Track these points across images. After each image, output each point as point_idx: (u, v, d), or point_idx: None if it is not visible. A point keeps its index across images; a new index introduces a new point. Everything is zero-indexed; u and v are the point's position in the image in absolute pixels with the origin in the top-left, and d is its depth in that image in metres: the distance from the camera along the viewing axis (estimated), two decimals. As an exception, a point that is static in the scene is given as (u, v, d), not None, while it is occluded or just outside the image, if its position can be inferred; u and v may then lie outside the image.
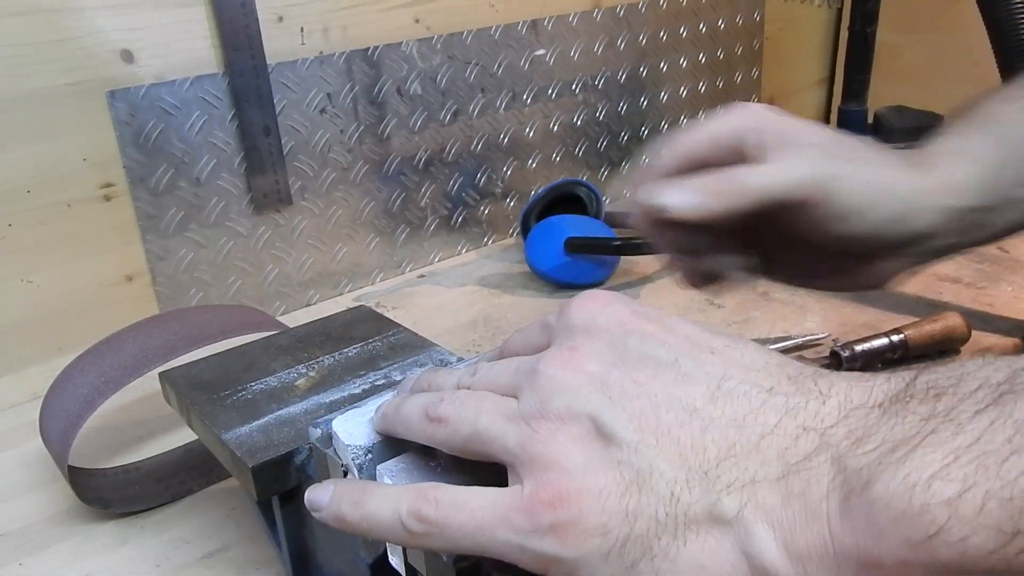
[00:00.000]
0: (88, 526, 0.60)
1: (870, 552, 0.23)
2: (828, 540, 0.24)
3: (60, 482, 0.63)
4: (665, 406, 0.28)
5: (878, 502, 0.23)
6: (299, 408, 0.49)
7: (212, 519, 0.59)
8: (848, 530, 0.23)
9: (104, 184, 0.80)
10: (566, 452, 0.28)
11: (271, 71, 0.85)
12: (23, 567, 0.56)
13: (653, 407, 0.28)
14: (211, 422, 0.49)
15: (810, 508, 0.24)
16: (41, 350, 0.79)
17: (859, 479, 0.24)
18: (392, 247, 1.00)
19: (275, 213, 0.90)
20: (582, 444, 0.28)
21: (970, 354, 0.70)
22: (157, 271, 0.84)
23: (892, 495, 0.23)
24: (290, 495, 0.48)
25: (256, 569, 0.54)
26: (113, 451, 0.68)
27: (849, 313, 0.80)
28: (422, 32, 0.97)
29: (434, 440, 0.33)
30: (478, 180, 1.05)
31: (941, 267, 0.88)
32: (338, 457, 0.38)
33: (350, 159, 0.94)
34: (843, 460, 0.25)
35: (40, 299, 0.78)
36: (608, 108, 1.15)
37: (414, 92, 0.96)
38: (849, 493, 0.24)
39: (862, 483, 0.23)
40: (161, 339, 0.62)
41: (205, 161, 0.84)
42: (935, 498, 0.22)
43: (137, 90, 0.79)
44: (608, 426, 0.28)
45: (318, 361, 0.55)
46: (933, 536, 0.22)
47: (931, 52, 1.33)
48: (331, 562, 0.48)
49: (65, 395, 0.60)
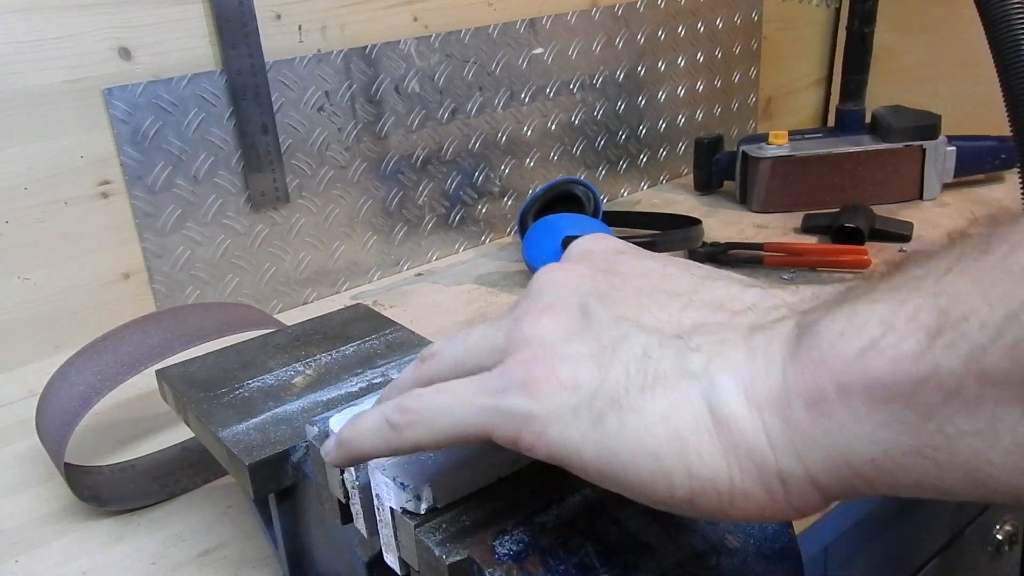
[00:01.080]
0: (84, 524, 0.60)
1: (814, 385, 0.23)
2: (782, 385, 0.24)
3: (56, 479, 0.63)
4: (649, 293, 0.30)
5: (820, 333, 0.23)
6: (296, 406, 0.49)
7: (208, 517, 0.59)
8: (797, 371, 0.24)
9: (101, 182, 0.80)
10: (547, 328, 0.29)
11: (269, 69, 0.85)
12: (19, 564, 0.56)
13: (637, 294, 0.30)
14: (208, 420, 0.49)
15: (769, 358, 0.25)
16: (38, 347, 0.79)
17: (807, 321, 0.25)
18: (390, 245, 1.00)
19: (272, 211, 0.90)
20: (566, 322, 0.29)
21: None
22: (154, 269, 0.84)
23: (832, 321, 0.23)
24: (287, 493, 0.48)
25: (252, 567, 0.54)
26: (109, 449, 0.68)
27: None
28: (420, 30, 0.97)
29: (404, 442, 0.31)
30: (476, 179, 1.05)
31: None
32: (335, 455, 0.38)
33: (348, 157, 0.94)
34: (803, 317, 0.25)
35: (37, 296, 0.78)
36: (606, 107, 1.15)
37: (412, 90, 0.96)
38: (799, 336, 0.24)
39: (809, 323, 0.24)
40: (158, 337, 0.62)
41: (203, 159, 0.84)
42: (872, 317, 0.22)
43: (135, 88, 0.79)
44: (592, 307, 0.29)
45: (315, 359, 0.55)
46: (867, 349, 0.22)
47: (929, 52, 1.33)
48: (327, 560, 0.48)
49: (62, 393, 0.60)
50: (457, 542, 0.32)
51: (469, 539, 0.32)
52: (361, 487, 0.37)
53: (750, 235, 1.03)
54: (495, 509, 0.34)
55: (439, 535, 0.33)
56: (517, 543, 0.32)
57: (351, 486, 0.37)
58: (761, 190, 1.10)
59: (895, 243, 0.96)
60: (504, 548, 0.32)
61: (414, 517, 0.33)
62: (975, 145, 1.09)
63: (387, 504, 0.35)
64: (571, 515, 0.33)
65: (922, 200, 1.09)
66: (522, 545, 0.32)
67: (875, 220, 0.98)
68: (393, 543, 0.35)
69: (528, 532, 0.32)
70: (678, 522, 0.34)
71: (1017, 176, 0.75)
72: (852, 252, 0.91)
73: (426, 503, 0.33)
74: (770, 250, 0.94)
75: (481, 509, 0.34)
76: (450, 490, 0.34)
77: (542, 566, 0.32)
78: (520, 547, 0.32)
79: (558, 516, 0.33)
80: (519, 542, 0.32)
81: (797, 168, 1.08)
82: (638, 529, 0.34)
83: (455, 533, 0.33)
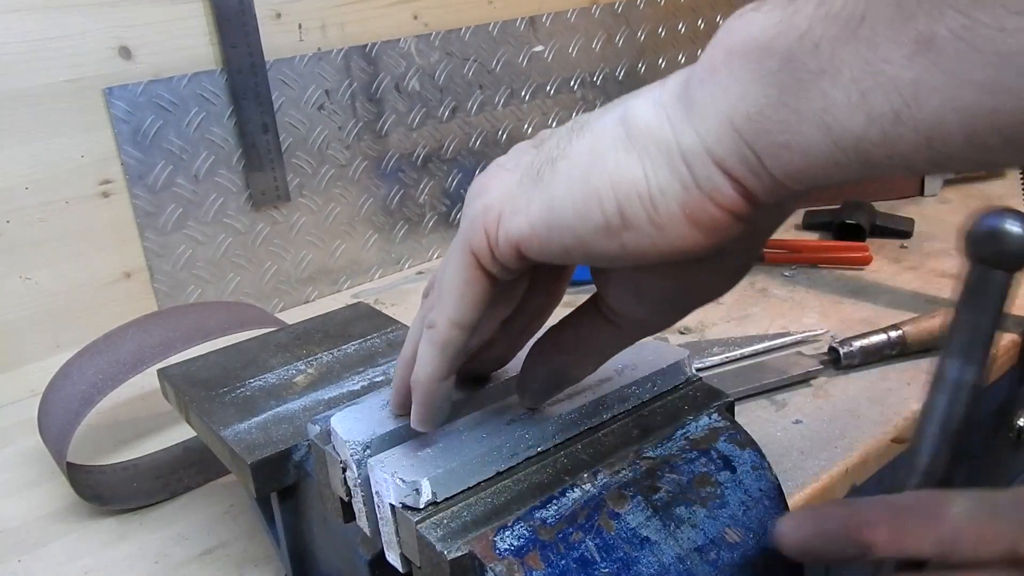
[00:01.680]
0: (86, 523, 0.60)
1: (708, 61, 0.26)
2: (686, 76, 0.27)
3: (59, 479, 0.63)
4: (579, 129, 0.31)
5: (725, 24, 0.26)
6: (298, 405, 0.49)
7: (211, 516, 0.59)
8: (699, 61, 0.26)
9: (102, 181, 0.80)
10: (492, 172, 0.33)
11: (269, 68, 0.85)
12: (21, 564, 0.56)
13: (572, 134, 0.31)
14: (210, 419, 0.49)
15: (679, 77, 0.28)
16: (39, 347, 0.79)
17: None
18: (391, 244, 1.00)
19: (273, 210, 0.90)
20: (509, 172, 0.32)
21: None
22: (155, 268, 0.84)
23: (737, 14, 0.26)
24: (289, 491, 0.48)
25: (255, 565, 0.54)
26: (112, 448, 0.69)
27: (847, 309, 0.80)
28: (420, 29, 0.97)
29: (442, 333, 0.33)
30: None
31: (939, 263, 0.88)
32: (337, 454, 0.38)
33: (348, 156, 0.94)
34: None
35: (38, 296, 0.78)
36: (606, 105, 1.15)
37: (412, 89, 0.96)
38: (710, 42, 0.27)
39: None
40: (159, 336, 0.62)
41: (203, 158, 0.84)
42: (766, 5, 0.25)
43: (135, 87, 0.79)
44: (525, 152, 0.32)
45: (317, 358, 0.55)
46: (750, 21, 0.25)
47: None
48: (329, 559, 0.48)
49: (63, 392, 0.60)
50: (458, 537, 0.32)
51: (470, 534, 0.32)
52: (363, 485, 0.37)
53: (751, 232, 1.03)
54: (495, 504, 0.34)
55: (440, 530, 0.33)
56: (518, 538, 0.32)
57: (353, 484, 0.37)
58: (762, 187, 1.10)
59: (896, 239, 0.96)
60: (505, 543, 0.32)
61: (415, 512, 0.34)
62: (976, 141, 1.08)
63: (387, 500, 0.35)
64: (571, 510, 0.34)
65: (923, 196, 1.09)
66: (523, 540, 0.32)
67: (876, 216, 0.98)
68: (394, 540, 0.35)
69: (528, 527, 0.33)
70: (678, 516, 0.34)
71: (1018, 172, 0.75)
72: (853, 249, 0.91)
73: (425, 497, 0.34)
74: (771, 247, 0.94)
75: (481, 504, 0.34)
76: (449, 484, 0.34)
77: (543, 561, 0.32)
78: (521, 542, 0.32)
79: (558, 511, 0.33)
80: (520, 537, 0.32)
81: (798, 165, 1.08)
82: (638, 524, 0.34)
83: (456, 528, 0.33)
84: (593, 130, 0.29)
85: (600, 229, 0.27)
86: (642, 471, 0.36)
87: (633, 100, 0.28)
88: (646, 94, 0.28)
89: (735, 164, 0.25)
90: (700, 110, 0.26)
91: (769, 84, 0.24)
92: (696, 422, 0.39)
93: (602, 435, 0.38)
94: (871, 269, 0.89)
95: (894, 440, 0.61)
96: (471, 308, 0.32)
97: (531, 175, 0.30)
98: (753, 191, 0.26)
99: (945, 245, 0.93)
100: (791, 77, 0.24)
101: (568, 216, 0.28)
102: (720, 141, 0.25)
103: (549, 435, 0.37)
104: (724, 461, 0.37)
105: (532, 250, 0.29)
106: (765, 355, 0.71)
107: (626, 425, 0.38)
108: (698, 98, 0.26)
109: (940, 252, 0.92)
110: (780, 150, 0.24)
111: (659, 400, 0.40)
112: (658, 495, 0.35)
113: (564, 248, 0.29)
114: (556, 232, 0.29)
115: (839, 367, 0.69)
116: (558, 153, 0.29)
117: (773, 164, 0.25)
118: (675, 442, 0.37)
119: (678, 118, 0.26)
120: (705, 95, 0.26)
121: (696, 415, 0.39)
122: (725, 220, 0.26)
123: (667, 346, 0.44)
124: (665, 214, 0.27)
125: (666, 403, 0.40)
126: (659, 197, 0.26)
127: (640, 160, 0.27)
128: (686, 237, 0.27)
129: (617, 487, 0.35)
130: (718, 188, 0.26)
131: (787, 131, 0.24)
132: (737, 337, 0.73)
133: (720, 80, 0.25)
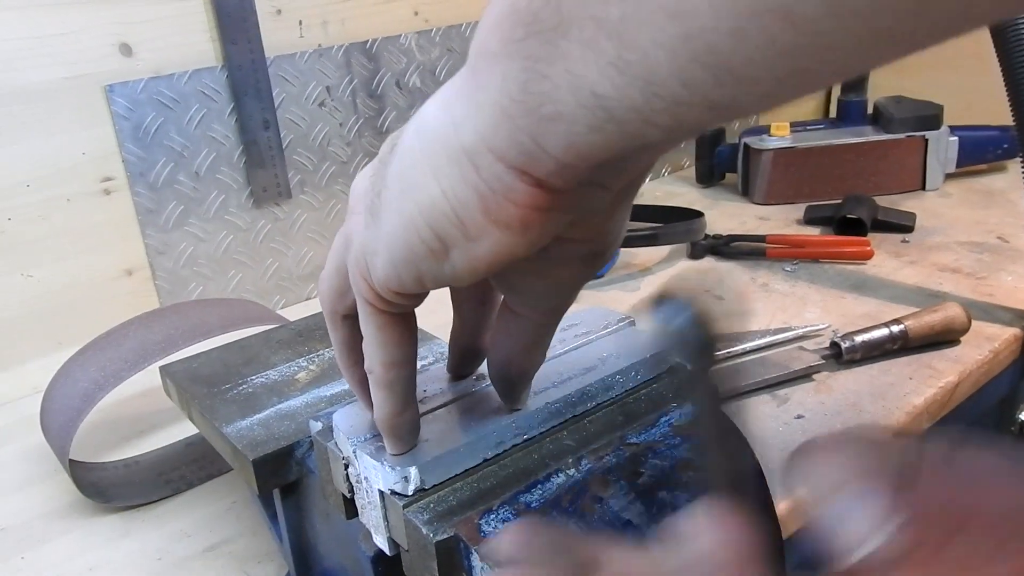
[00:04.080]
0: (89, 520, 0.60)
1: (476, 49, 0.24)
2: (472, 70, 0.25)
3: (61, 476, 0.63)
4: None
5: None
6: (299, 401, 0.50)
7: (213, 512, 0.59)
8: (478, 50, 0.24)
9: (103, 178, 0.80)
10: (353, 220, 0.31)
11: (270, 64, 0.85)
12: (25, 560, 0.56)
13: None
14: (212, 416, 0.49)
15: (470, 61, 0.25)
16: (41, 345, 0.79)
17: None
18: (392, 240, 1.00)
19: (274, 207, 0.90)
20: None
21: (971, 346, 0.70)
22: (157, 265, 0.84)
23: None
24: (291, 488, 0.48)
25: (257, 562, 0.54)
26: (114, 445, 0.69)
27: (849, 304, 0.80)
28: (421, 25, 0.97)
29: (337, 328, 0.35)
30: (477, 173, 1.05)
31: (940, 257, 0.88)
32: (339, 450, 0.38)
33: (349, 152, 0.93)
34: None
35: (40, 293, 0.78)
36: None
37: (413, 85, 0.96)
38: None
39: None
40: (161, 333, 0.62)
41: (204, 155, 0.84)
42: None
43: (136, 84, 0.79)
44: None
45: (318, 354, 0.55)
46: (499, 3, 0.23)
47: (931, 42, 1.32)
48: (332, 555, 0.48)
49: (66, 389, 0.60)
50: (444, 521, 0.33)
51: (456, 518, 0.33)
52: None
53: (752, 227, 1.03)
54: (481, 489, 0.34)
55: (426, 514, 0.33)
56: (503, 521, 0.33)
57: (355, 481, 0.37)
58: (763, 182, 1.10)
59: (898, 234, 0.96)
60: (490, 526, 0.32)
61: (402, 498, 0.34)
62: (977, 135, 1.08)
63: (375, 486, 0.35)
64: (555, 494, 0.34)
65: (925, 190, 1.09)
66: (507, 523, 0.32)
67: (878, 211, 0.98)
68: (382, 524, 0.36)
69: (513, 510, 0.33)
70: (661, 500, 0.35)
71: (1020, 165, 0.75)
72: (855, 243, 0.91)
73: (414, 484, 0.34)
74: (772, 242, 0.94)
75: (467, 489, 0.34)
76: (437, 472, 0.35)
77: None
78: (505, 525, 0.32)
79: (542, 495, 0.34)
80: (505, 520, 0.33)
81: (799, 159, 1.08)
82: (620, 508, 0.34)
83: (442, 512, 0.33)
84: (399, 150, 0.27)
85: (429, 257, 0.27)
86: (625, 457, 0.36)
87: (430, 100, 0.27)
88: (442, 90, 0.27)
89: (516, 156, 0.24)
90: (475, 103, 0.24)
91: (524, 55, 0.22)
92: (680, 409, 0.39)
93: (587, 422, 0.38)
94: (873, 264, 0.89)
95: (896, 435, 0.61)
96: (396, 346, 0.32)
97: (370, 212, 0.29)
98: (544, 179, 0.24)
99: (947, 239, 0.93)
100: (539, 41, 0.22)
101: (402, 251, 0.27)
102: (497, 133, 0.24)
103: (535, 423, 0.37)
104: (707, 447, 0.37)
105: (403, 286, 0.29)
106: (767, 350, 0.71)
107: (611, 412, 0.39)
108: (471, 92, 0.24)
109: (942, 246, 0.92)
110: (549, 124, 0.23)
111: (644, 388, 0.41)
112: (641, 480, 0.35)
113: (417, 280, 0.28)
114: (402, 268, 0.28)
115: (841, 362, 0.69)
116: (380, 183, 0.28)
117: (549, 143, 0.23)
118: (659, 428, 0.38)
119: (461, 114, 0.25)
120: (477, 87, 0.24)
121: (680, 403, 0.39)
122: (531, 216, 0.25)
123: (652, 335, 0.44)
124: (473, 226, 0.25)
125: (651, 391, 0.40)
126: (462, 211, 0.25)
127: (436, 178, 0.25)
128: (502, 242, 0.25)
129: (601, 472, 0.35)
130: (509, 187, 0.24)
131: (549, 101, 0.22)
132: (738, 332, 0.73)
133: (488, 61, 0.23)
